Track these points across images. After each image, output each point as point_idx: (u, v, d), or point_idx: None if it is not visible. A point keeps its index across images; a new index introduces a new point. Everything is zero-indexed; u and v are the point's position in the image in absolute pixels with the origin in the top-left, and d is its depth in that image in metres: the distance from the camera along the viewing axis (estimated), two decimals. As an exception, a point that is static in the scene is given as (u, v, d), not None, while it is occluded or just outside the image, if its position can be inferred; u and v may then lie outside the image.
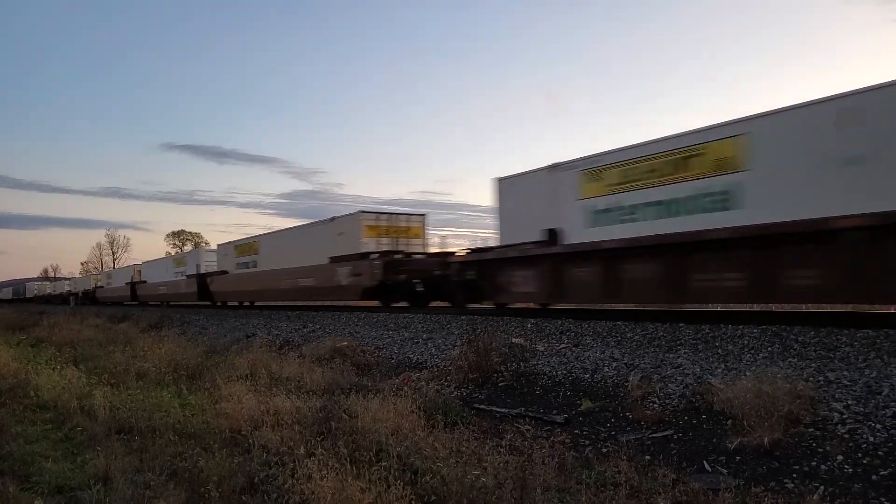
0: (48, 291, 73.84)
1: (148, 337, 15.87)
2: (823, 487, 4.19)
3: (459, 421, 6.18)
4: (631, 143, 10.46)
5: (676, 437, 5.57)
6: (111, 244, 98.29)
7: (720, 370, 6.65)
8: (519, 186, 12.73)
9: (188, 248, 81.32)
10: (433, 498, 4.15)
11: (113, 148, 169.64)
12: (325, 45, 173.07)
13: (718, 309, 11.65)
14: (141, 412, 6.99)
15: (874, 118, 7.19)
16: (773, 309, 11.13)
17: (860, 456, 4.53)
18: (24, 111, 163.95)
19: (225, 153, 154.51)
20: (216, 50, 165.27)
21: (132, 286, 41.20)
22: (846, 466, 4.45)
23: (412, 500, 4.07)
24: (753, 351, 7.25)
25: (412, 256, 18.38)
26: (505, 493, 4.13)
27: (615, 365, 7.61)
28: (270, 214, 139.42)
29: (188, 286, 31.93)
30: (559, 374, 7.83)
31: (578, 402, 6.84)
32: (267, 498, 4.33)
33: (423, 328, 12.27)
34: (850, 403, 5.24)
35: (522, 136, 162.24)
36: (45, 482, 4.95)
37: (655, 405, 6.27)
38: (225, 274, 28.68)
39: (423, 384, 8.36)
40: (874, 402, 5.18)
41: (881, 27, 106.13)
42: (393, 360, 10.45)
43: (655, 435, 5.67)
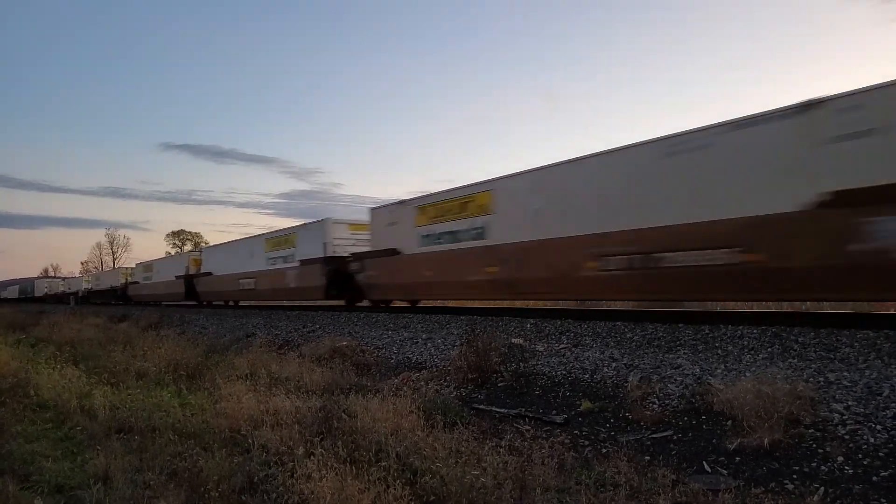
0: (61, 289, 66.20)
1: (148, 336, 15.86)
2: (824, 488, 4.19)
3: (459, 421, 6.18)
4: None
5: (676, 437, 5.57)
6: (111, 244, 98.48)
7: (720, 371, 6.65)
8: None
9: (188, 247, 79.78)
10: (432, 498, 4.15)
11: (111, 147, 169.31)
12: (323, 44, 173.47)
13: (718, 309, 11.84)
14: (141, 412, 7.00)
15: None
16: (772, 309, 11.47)
17: (860, 457, 4.53)
18: (22, 111, 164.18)
19: (223, 153, 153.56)
20: (214, 49, 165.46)
21: (188, 280, 31.24)
22: (846, 467, 4.45)
23: (411, 499, 4.08)
24: (753, 351, 7.25)
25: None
26: (504, 493, 4.13)
27: (614, 365, 7.62)
28: (269, 214, 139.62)
29: (308, 278, 20.38)
30: (558, 374, 7.83)
31: (578, 402, 6.84)
32: (266, 498, 4.32)
33: (422, 328, 12.28)
34: (850, 404, 5.24)
35: (521, 136, 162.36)
36: (44, 481, 4.95)
37: (655, 406, 6.27)
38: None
39: (422, 384, 8.36)
40: (874, 402, 5.18)
41: (880, 27, 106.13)
42: (392, 360, 10.45)
43: (655, 435, 5.67)
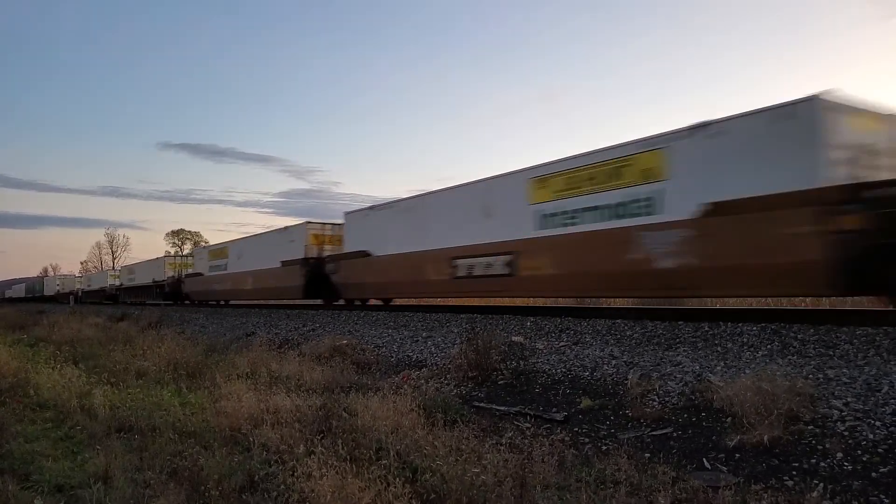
0: (78, 287, 55.14)
1: (147, 336, 15.85)
2: (823, 485, 4.19)
3: (459, 419, 6.19)
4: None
5: (676, 434, 5.57)
6: (111, 243, 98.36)
7: (719, 368, 6.66)
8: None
9: (188, 247, 79.63)
10: (432, 496, 4.15)
11: (110, 146, 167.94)
12: (322, 44, 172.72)
13: (717, 307, 11.85)
14: (141, 411, 7.00)
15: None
16: (771, 306, 11.44)
17: (860, 453, 4.53)
18: (21, 111, 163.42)
19: (222, 152, 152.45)
20: (212, 49, 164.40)
21: (312, 268, 19.74)
22: (846, 464, 4.46)
23: (411, 498, 4.08)
24: (753, 349, 7.25)
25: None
26: (504, 490, 4.13)
27: (614, 363, 7.62)
28: (268, 213, 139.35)
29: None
30: (558, 372, 7.84)
31: (578, 400, 6.84)
32: (267, 496, 4.33)
33: (422, 326, 12.29)
34: (849, 401, 5.24)
35: (521, 136, 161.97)
36: (44, 481, 4.94)
37: (655, 403, 6.28)
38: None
39: (422, 382, 8.36)
40: (874, 399, 5.19)
41: (880, 23, 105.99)
42: (392, 358, 10.45)
43: (655, 433, 5.68)
